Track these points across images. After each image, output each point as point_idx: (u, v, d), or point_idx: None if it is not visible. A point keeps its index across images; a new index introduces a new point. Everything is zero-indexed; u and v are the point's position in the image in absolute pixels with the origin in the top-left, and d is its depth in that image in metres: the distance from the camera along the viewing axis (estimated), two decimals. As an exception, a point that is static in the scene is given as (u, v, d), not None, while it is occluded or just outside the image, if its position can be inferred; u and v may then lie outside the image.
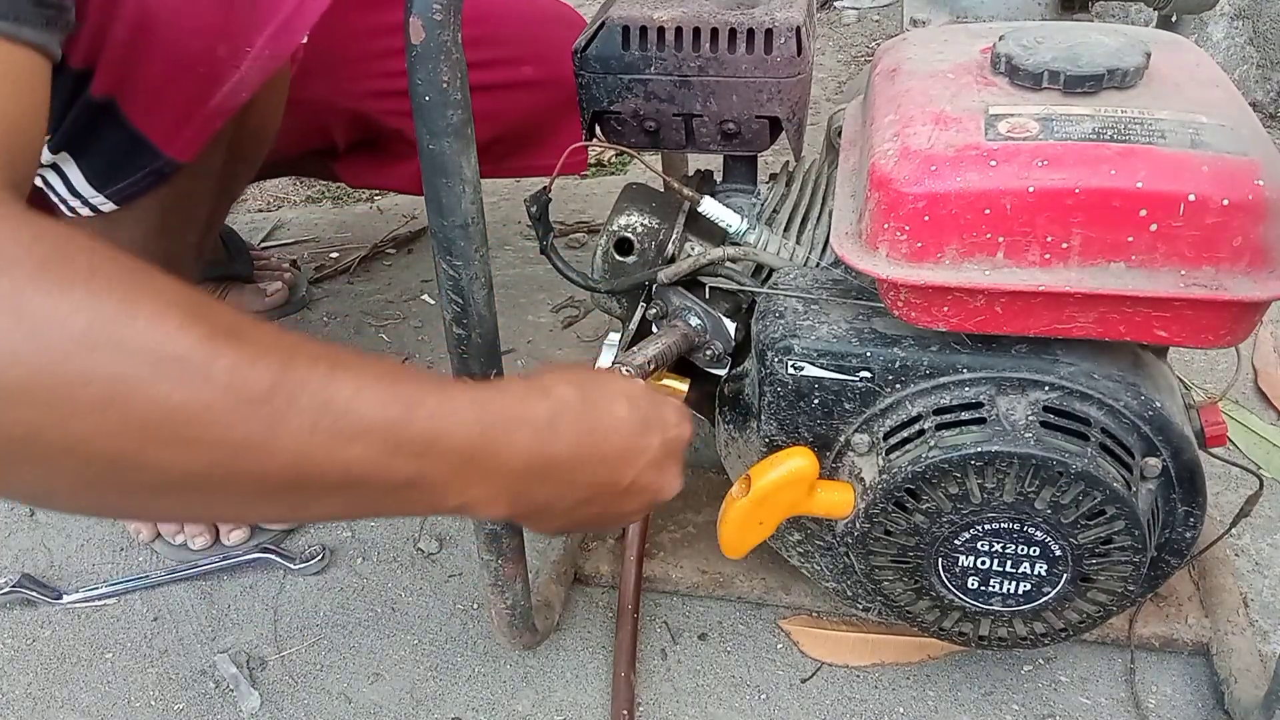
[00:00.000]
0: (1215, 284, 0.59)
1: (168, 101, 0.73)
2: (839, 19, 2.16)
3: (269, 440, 0.45)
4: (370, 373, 0.49)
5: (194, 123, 0.75)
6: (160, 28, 0.70)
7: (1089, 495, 0.64)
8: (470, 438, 0.52)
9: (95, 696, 0.87)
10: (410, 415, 0.50)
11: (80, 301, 0.41)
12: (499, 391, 0.57)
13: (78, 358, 0.40)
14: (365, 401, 0.48)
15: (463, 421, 0.52)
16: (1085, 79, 0.63)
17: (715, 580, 0.90)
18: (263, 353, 0.45)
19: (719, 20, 0.76)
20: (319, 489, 0.48)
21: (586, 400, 0.58)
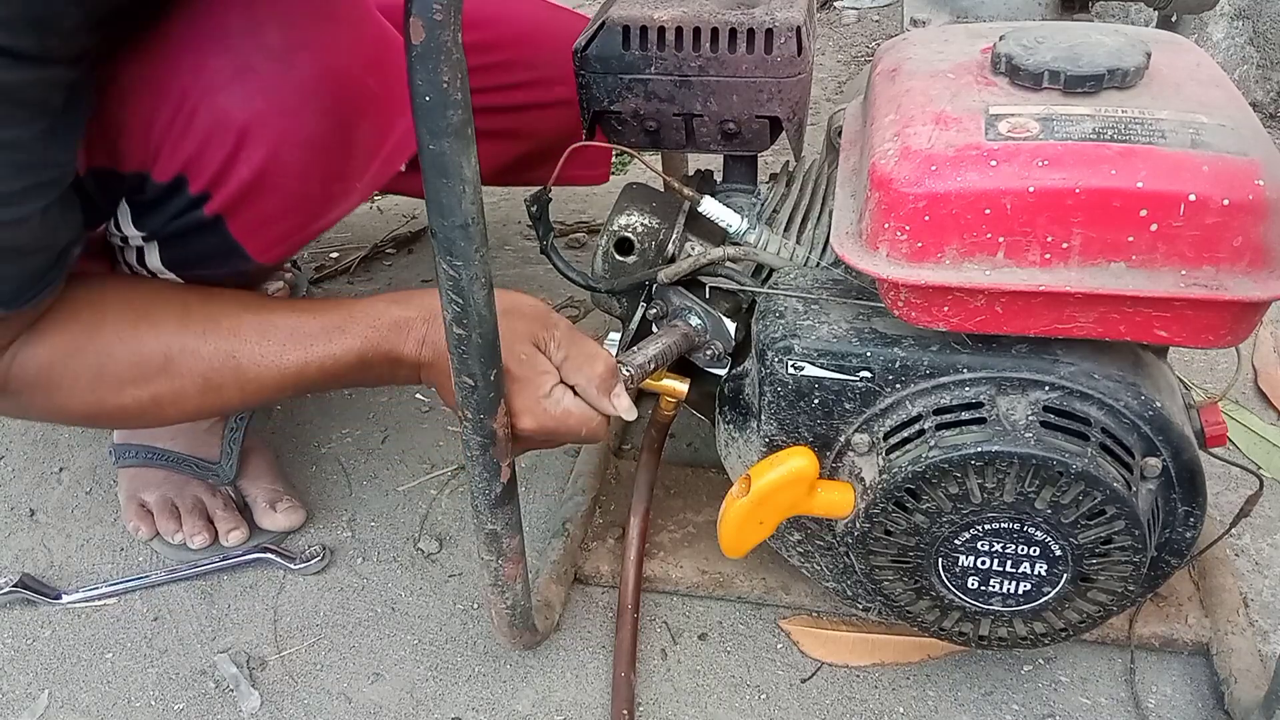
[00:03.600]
0: (1215, 284, 0.59)
1: (274, 226, 0.78)
2: (839, 19, 2.16)
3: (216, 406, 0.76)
4: (266, 345, 0.74)
5: (290, 243, 0.81)
6: (284, 174, 0.74)
7: (1089, 495, 0.64)
8: (355, 376, 0.76)
9: (95, 696, 0.87)
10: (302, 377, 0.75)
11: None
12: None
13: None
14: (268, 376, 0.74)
15: (348, 368, 0.75)
16: (1085, 79, 0.63)
17: (715, 580, 0.90)
18: (194, 359, 0.73)
19: (719, 20, 0.76)
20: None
21: None
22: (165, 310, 0.76)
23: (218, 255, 0.78)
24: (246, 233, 0.77)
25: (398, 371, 0.77)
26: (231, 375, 0.74)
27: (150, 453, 1.00)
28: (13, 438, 1.14)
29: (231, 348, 0.74)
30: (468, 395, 0.66)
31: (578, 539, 0.94)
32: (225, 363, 0.74)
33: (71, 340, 0.72)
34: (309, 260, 1.44)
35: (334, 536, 1.00)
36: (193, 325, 0.75)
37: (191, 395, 0.74)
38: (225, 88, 0.71)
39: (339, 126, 0.75)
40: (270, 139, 0.72)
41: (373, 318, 0.75)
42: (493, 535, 0.73)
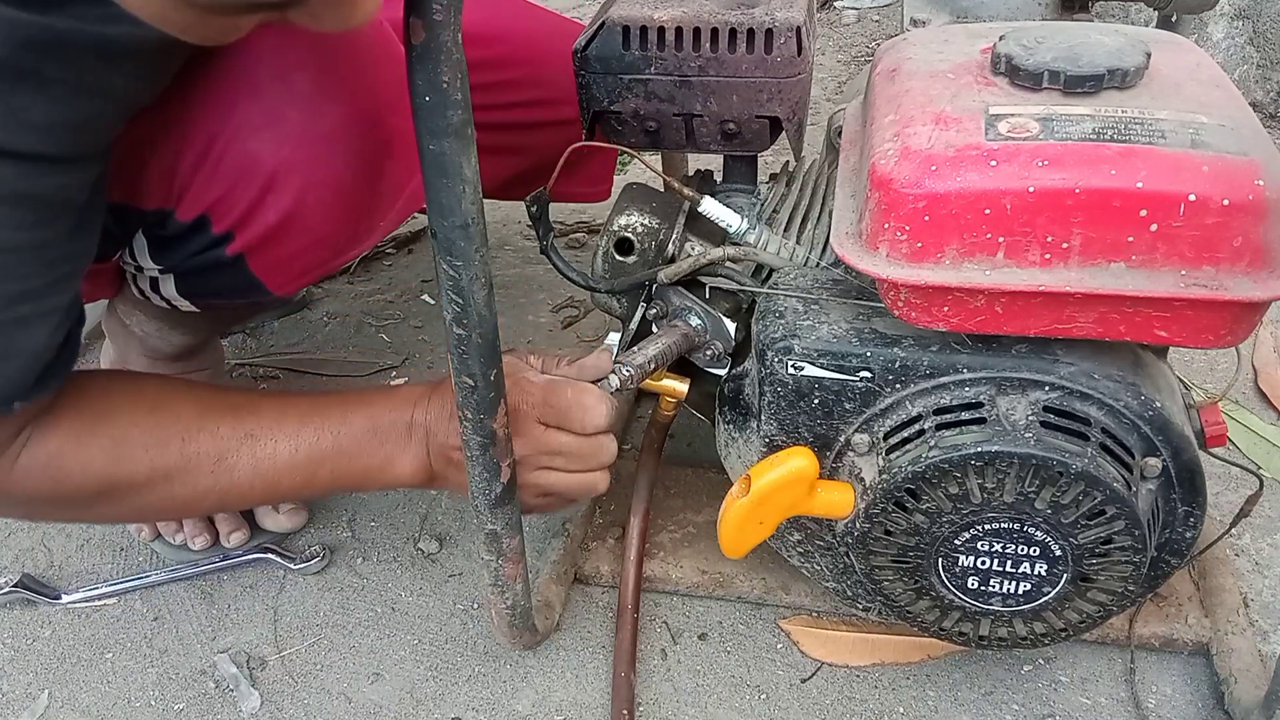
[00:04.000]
0: (1215, 284, 0.59)
1: (295, 264, 0.78)
2: (839, 19, 2.16)
3: (225, 489, 0.75)
4: (284, 420, 0.75)
5: (311, 276, 0.81)
6: (310, 216, 0.74)
7: (1089, 495, 0.64)
8: (366, 449, 0.77)
9: (95, 696, 0.87)
10: (315, 451, 0.75)
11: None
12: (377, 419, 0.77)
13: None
14: (284, 448, 0.75)
15: (360, 431, 0.76)
16: (1085, 79, 0.63)
17: (715, 580, 0.90)
18: (211, 439, 0.73)
19: (719, 20, 0.76)
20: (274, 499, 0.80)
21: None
22: (179, 397, 0.76)
23: (236, 289, 0.79)
24: (268, 270, 0.77)
25: (409, 443, 0.77)
26: (247, 454, 0.74)
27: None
28: (13, 438, 1.14)
29: (248, 427, 0.74)
30: (468, 395, 0.66)
31: (578, 539, 0.94)
32: (241, 441, 0.74)
33: (84, 424, 0.71)
34: (309, 260, 1.44)
35: (334, 536, 1.00)
36: (210, 409, 0.75)
37: (204, 473, 0.73)
38: (255, 134, 0.71)
39: (366, 170, 0.75)
40: (298, 184, 0.72)
41: (387, 403, 0.77)
42: (493, 535, 0.73)
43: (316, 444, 0.75)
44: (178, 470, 0.73)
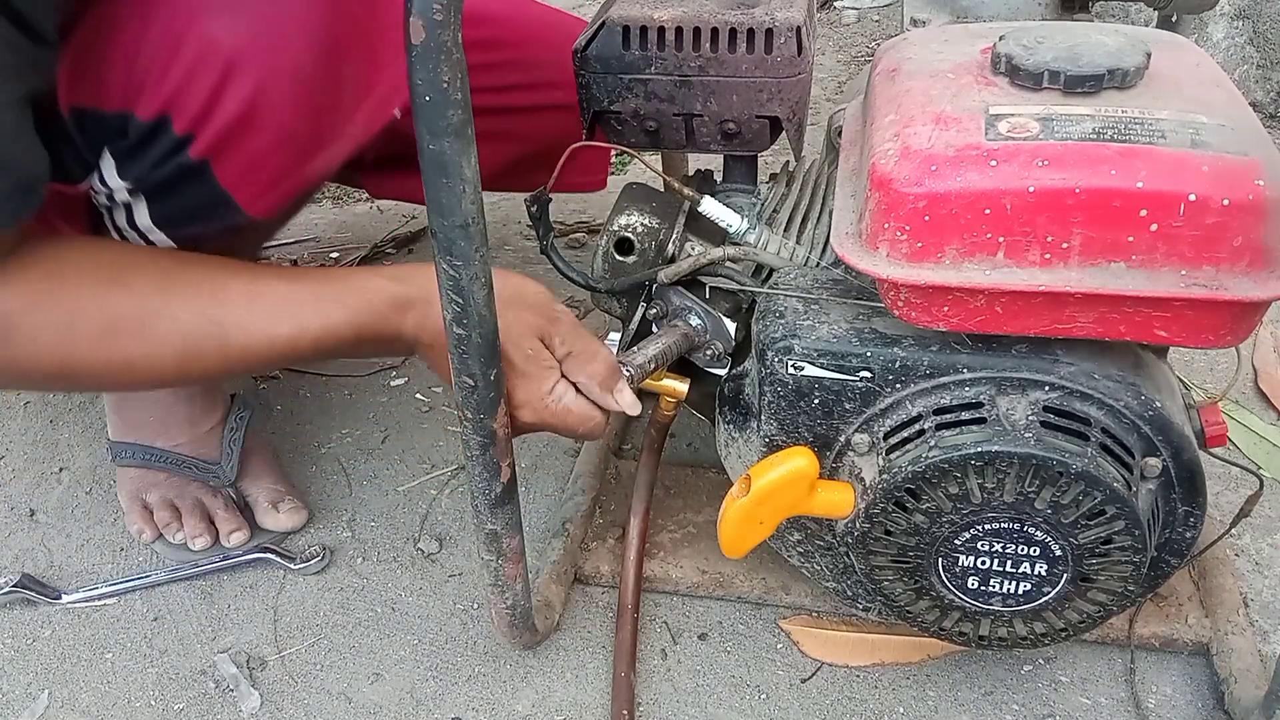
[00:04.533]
0: (1215, 284, 0.59)
1: (263, 170, 0.76)
2: (839, 19, 2.16)
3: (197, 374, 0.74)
4: (255, 313, 0.72)
5: (280, 190, 0.78)
6: (273, 108, 0.72)
7: (1089, 495, 0.64)
8: (349, 349, 0.74)
9: (95, 696, 0.87)
10: (294, 348, 0.72)
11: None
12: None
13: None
14: (256, 346, 0.72)
15: (341, 342, 0.73)
16: (1085, 79, 0.63)
17: (715, 580, 0.90)
18: (172, 326, 0.71)
19: (719, 20, 0.76)
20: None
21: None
22: (140, 272, 0.73)
23: (206, 207, 0.76)
24: (234, 178, 0.75)
25: (393, 347, 0.75)
26: (215, 343, 0.72)
27: (150, 454, 1.00)
28: (13, 438, 1.14)
29: (216, 314, 0.72)
30: (468, 395, 0.66)
31: (578, 539, 0.94)
32: (208, 330, 0.71)
33: (35, 292, 0.69)
34: (309, 260, 1.44)
35: (334, 536, 1.00)
36: (172, 289, 0.72)
37: (168, 360, 0.72)
38: (212, 17, 0.70)
39: (328, 59, 0.73)
40: (258, 71, 0.70)
41: (370, 292, 0.73)
42: (493, 535, 0.73)
43: (293, 344, 0.73)
44: (138, 358, 0.71)
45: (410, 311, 0.73)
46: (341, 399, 1.17)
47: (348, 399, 1.17)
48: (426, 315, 0.73)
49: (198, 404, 1.01)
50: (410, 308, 0.73)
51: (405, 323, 0.73)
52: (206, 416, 1.01)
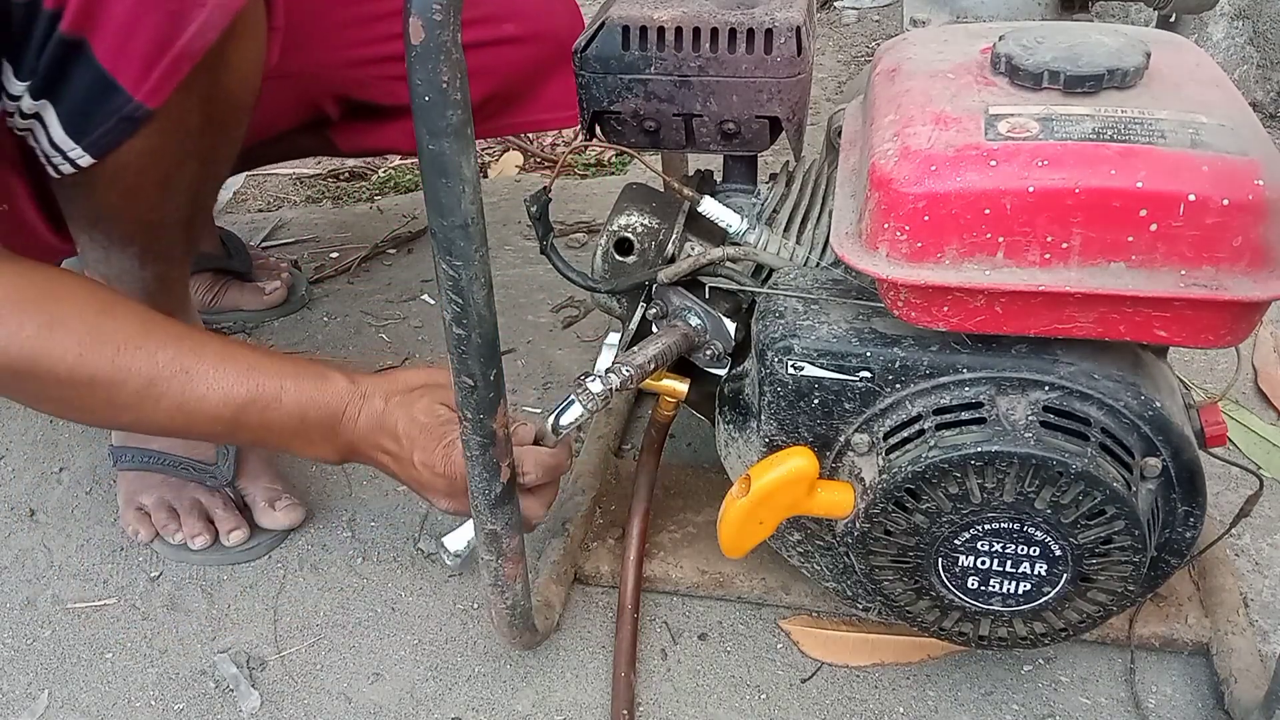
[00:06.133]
0: (1215, 284, 0.59)
1: (135, 41, 0.75)
2: (839, 19, 2.16)
3: (147, 414, 0.77)
4: (224, 371, 0.77)
5: (161, 66, 0.76)
6: None
7: (1089, 495, 0.64)
8: (289, 431, 0.79)
9: (95, 696, 0.87)
10: (242, 414, 0.77)
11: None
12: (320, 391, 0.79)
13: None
14: (214, 398, 0.77)
15: (288, 416, 0.78)
16: (1085, 79, 0.63)
17: (715, 580, 0.90)
18: (147, 359, 0.75)
19: (719, 20, 0.76)
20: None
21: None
22: (128, 311, 0.77)
23: (99, 99, 0.76)
24: (111, 54, 0.74)
25: (322, 449, 0.81)
26: (177, 388, 0.75)
27: (147, 456, 1.00)
28: (13, 438, 1.14)
29: (187, 363, 0.76)
30: (467, 395, 0.66)
31: (578, 539, 0.94)
32: (175, 374, 0.75)
33: (25, 288, 0.71)
34: (309, 260, 1.44)
35: (334, 536, 1.00)
36: (155, 331, 0.76)
37: (129, 392, 0.75)
38: None
39: None
40: None
41: (328, 386, 0.79)
42: (493, 535, 0.73)
43: (244, 409, 0.77)
44: (104, 379, 0.74)
45: (348, 430, 0.79)
46: (341, 399, 1.17)
47: (348, 399, 1.17)
48: (356, 439, 0.79)
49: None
50: (352, 427, 0.79)
51: (341, 433, 0.80)
52: None
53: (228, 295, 1.30)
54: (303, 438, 0.80)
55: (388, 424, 0.79)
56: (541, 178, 1.65)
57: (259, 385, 0.77)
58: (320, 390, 0.79)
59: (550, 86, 1.11)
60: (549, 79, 1.12)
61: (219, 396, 0.76)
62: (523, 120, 1.18)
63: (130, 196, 0.85)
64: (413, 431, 0.78)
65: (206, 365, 0.76)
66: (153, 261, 0.92)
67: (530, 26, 1.09)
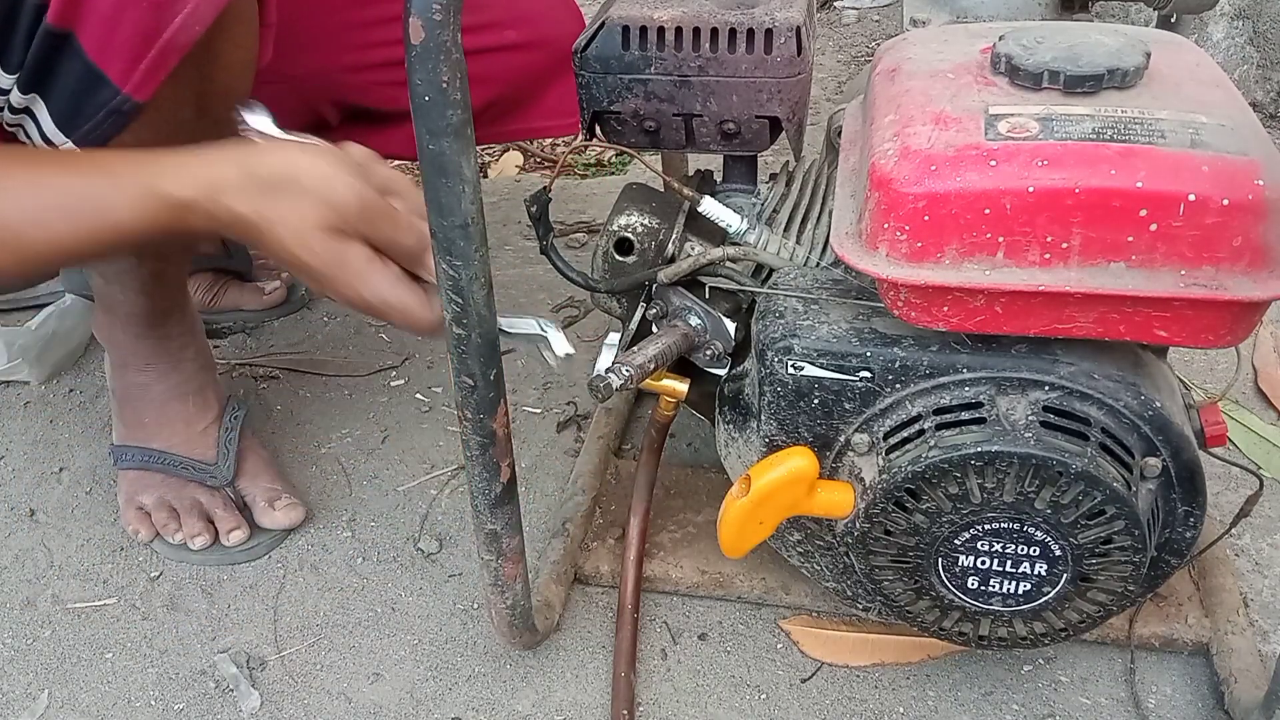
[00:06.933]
0: (1215, 284, 0.59)
1: (121, 33, 0.74)
2: (839, 19, 2.16)
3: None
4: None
5: (148, 58, 0.75)
6: None
7: (1089, 495, 0.64)
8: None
9: (95, 696, 0.87)
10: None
11: None
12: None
13: None
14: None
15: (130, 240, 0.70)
16: (1085, 79, 0.63)
17: (715, 580, 0.90)
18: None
19: (719, 20, 0.76)
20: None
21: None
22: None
23: (88, 92, 0.75)
24: (98, 45, 0.73)
25: (196, 238, 0.74)
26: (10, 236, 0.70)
27: (147, 455, 1.00)
28: (13, 438, 1.14)
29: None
30: (467, 395, 0.66)
31: (578, 539, 0.94)
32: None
33: None
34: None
35: (334, 536, 1.00)
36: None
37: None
38: None
39: None
40: None
41: (149, 197, 0.70)
42: (493, 535, 0.73)
43: (75, 240, 0.71)
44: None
45: (193, 214, 0.70)
46: (341, 399, 1.17)
47: (348, 399, 1.17)
48: (212, 215, 0.69)
49: (192, 404, 1.01)
50: (191, 211, 0.70)
51: (192, 223, 0.70)
52: (201, 416, 1.01)
53: (227, 295, 1.30)
54: (170, 244, 0.71)
55: (259, 232, 0.70)
56: (541, 178, 1.65)
57: (73, 218, 0.70)
58: (146, 213, 0.70)
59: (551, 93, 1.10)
60: (551, 85, 1.12)
61: (40, 236, 0.70)
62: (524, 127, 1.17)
63: None
64: (298, 265, 0.69)
65: (18, 199, 0.70)
66: (149, 258, 0.92)
67: (533, 33, 1.09)
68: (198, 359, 1.02)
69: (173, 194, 0.69)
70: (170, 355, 0.99)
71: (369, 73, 1.09)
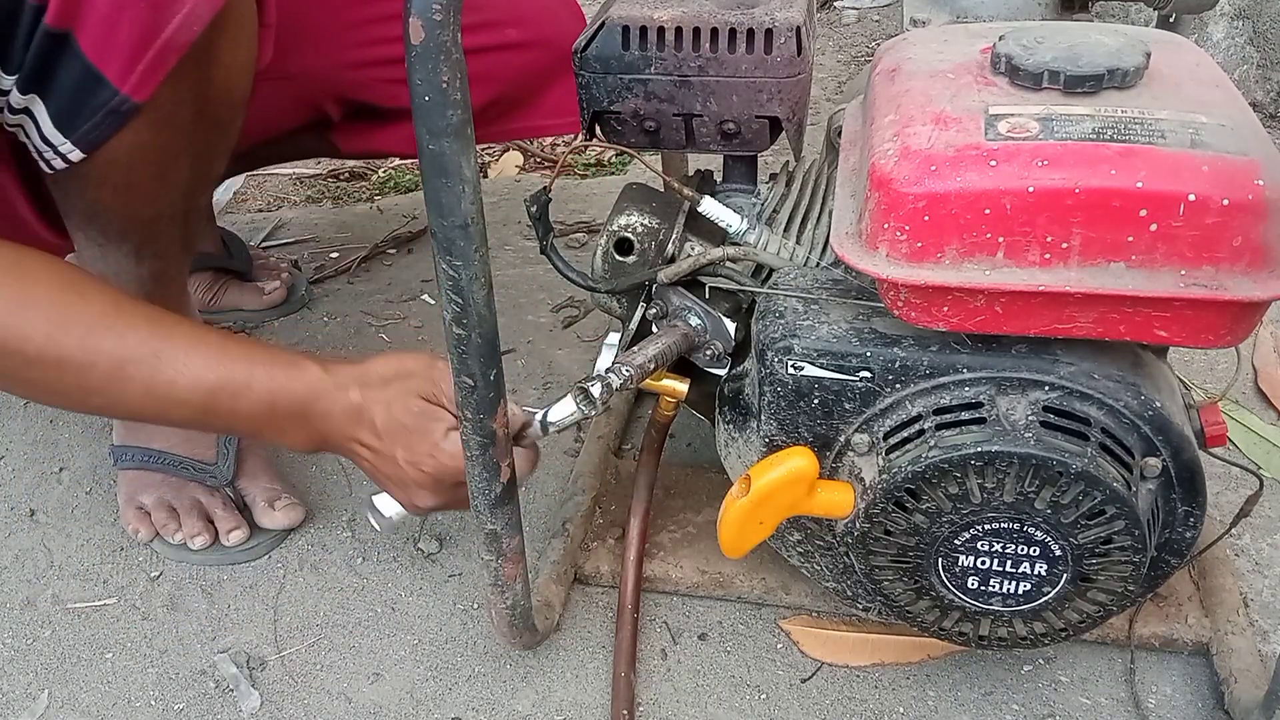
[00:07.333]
0: (1215, 284, 0.59)
1: (119, 34, 0.74)
2: (839, 19, 2.16)
3: (116, 397, 0.76)
4: (193, 355, 0.75)
5: (147, 58, 0.76)
6: None
7: (1089, 495, 0.64)
8: (259, 418, 0.77)
9: (95, 696, 0.87)
10: (211, 399, 0.76)
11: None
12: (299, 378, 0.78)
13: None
14: (183, 383, 0.75)
15: (258, 404, 0.77)
16: (1085, 79, 0.63)
17: (715, 580, 0.90)
18: (117, 341, 0.74)
19: (719, 20, 0.76)
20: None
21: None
22: (98, 292, 0.76)
23: (86, 93, 0.76)
24: (97, 46, 0.74)
25: (293, 437, 0.80)
26: (147, 372, 0.74)
27: (147, 455, 1.00)
28: (13, 438, 1.14)
29: (157, 347, 0.75)
30: (467, 395, 0.66)
31: (578, 539, 0.94)
32: (145, 357, 0.74)
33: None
34: (309, 260, 1.44)
35: (334, 536, 1.00)
36: (124, 312, 0.75)
37: (98, 374, 0.74)
38: None
39: None
40: None
41: (298, 378, 0.77)
42: (493, 535, 0.73)
43: (213, 394, 0.76)
44: (73, 360, 0.73)
45: (321, 421, 0.78)
46: (341, 399, 1.17)
47: (348, 399, 1.17)
48: (330, 431, 0.78)
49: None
50: (325, 418, 0.78)
51: (314, 423, 0.78)
52: None
53: (228, 295, 1.30)
54: (273, 426, 0.79)
55: (365, 417, 0.78)
56: (541, 178, 1.65)
57: (229, 371, 0.76)
58: (292, 378, 0.78)
59: (552, 92, 1.11)
60: (551, 85, 1.12)
61: (188, 381, 0.75)
62: (524, 126, 1.18)
63: (123, 192, 0.85)
64: (393, 428, 0.77)
65: (177, 349, 0.75)
66: (149, 258, 0.92)
67: (533, 32, 1.09)
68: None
69: (320, 390, 0.78)
70: None
71: (370, 69, 1.09)
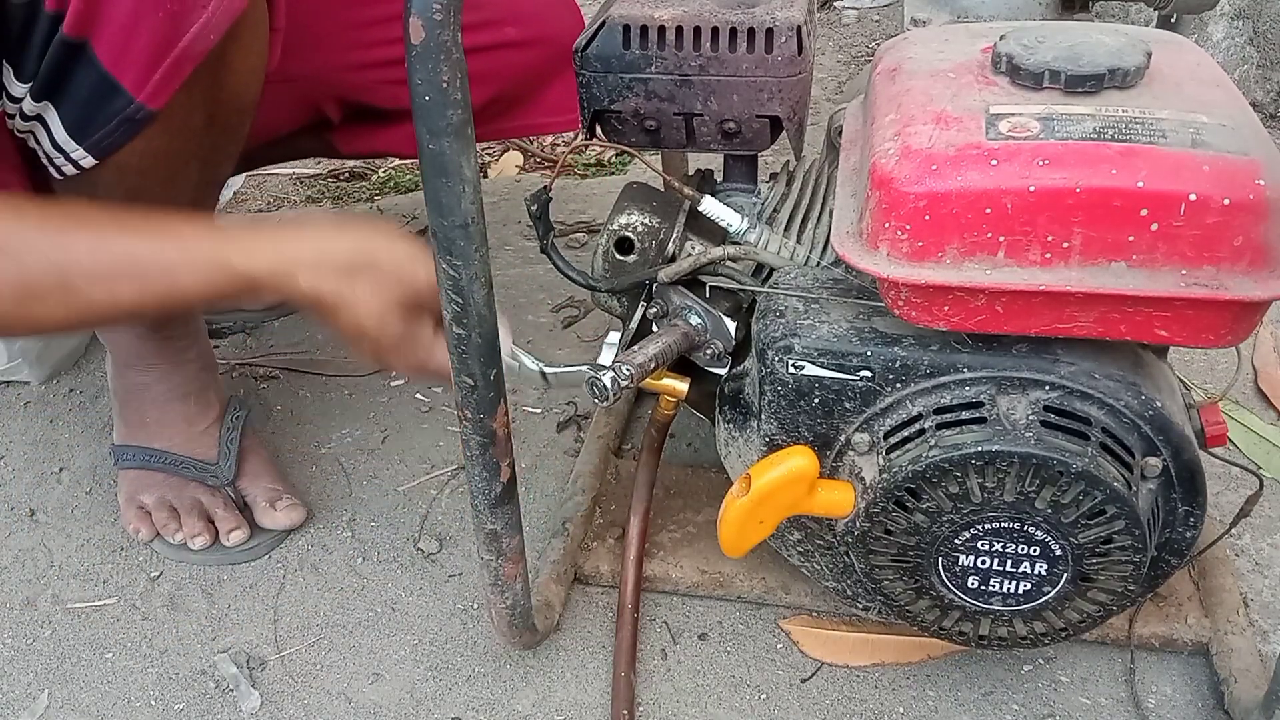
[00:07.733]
0: (1216, 283, 0.59)
1: (137, 43, 0.74)
2: (839, 19, 2.16)
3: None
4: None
5: (163, 67, 0.76)
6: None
7: (1089, 495, 0.64)
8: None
9: (95, 696, 0.87)
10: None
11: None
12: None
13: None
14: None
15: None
16: (1086, 78, 0.63)
17: (715, 580, 0.90)
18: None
19: (720, 19, 0.76)
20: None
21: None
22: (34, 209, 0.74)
23: (101, 100, 0.76)
24: (113, 55, 0.74)
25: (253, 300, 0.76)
26: (57, 291, 0.71)
27: (148, 455, 1.00)
28: (13, 438, 1.14)
29: (58, 259, 0.71)
30: (467, 395, 0.66)
31: (578, 539, 0.94)
32: (49, 274, 0.71)
33: None
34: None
35: (334, 536, 1.00)
36: (24, 227, 0.72)
37: (7, 298, 0.71)
38: None
39: None
40: None
41: (218, 268, 0.72)
42: (493, 535, 0.73)
43: (138, 304, 0.73)
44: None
45: (262, 288, 0.73)
46: (341, 399, 1.17)
47: (348, 399, 1.17)
48: (284, 291, 0.73)
49: (194, 403, 1.01)
50: (261, 285, 0.73)
51: (261, 294, 0.73)
52: (202, 416, 1.01)
53: (227, 294, 1.30)
54: (226, 306, 0.73)
55: (326, 308, 0.74)
56: (541, 177, 1.65)
57: (142, 284, 0.72)
58: (212, 283, 0.73)
59: (552, 90, 1.11)
60: (551, 83, 1.13)
61: (105, 300, 0.72)
62: (524, 124, 1.18)
63: (132, 197, 0.85)
64: (373, 333, 0.74)
65: (81, 262, 0.71)
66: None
67: (532, 30, 1.09)
68: (200, 359, 1.02)
69: (244, 269, 0.72)
70: (172, 356, 1.00)
71: (371, 71, 1.09)
